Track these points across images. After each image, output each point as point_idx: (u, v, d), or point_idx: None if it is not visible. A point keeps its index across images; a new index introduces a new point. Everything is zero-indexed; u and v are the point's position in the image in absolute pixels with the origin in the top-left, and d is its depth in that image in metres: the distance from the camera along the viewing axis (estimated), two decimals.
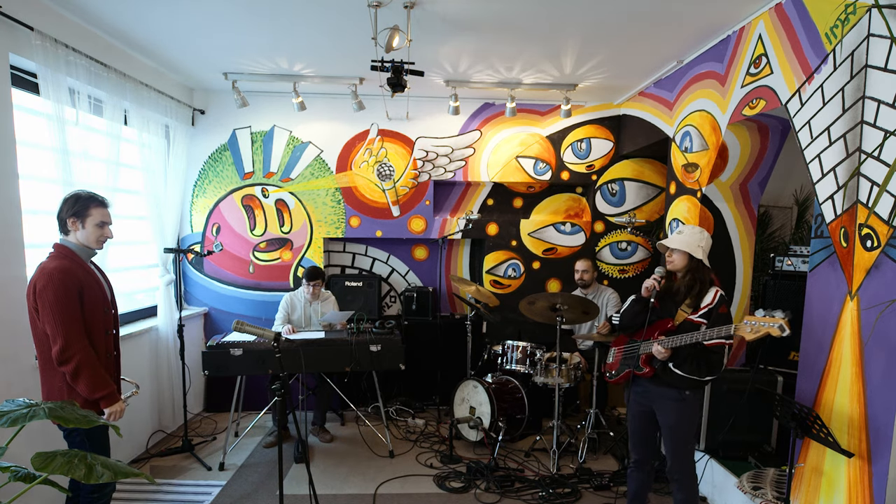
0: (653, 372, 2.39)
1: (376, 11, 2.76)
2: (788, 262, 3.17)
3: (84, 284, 2.10)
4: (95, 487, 2.10)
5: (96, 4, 2.84)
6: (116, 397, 2.15)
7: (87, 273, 2.16)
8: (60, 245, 2.16)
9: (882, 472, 2.00)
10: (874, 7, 1.99)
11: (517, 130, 4.70)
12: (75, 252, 2.16)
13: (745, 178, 3.41)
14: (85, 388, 2.05)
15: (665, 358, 2.31)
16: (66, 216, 2.15)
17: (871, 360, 2.08)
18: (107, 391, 2.10)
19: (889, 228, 1.98)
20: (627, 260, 4.87)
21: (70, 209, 2.15)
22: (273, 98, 4.46)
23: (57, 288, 2.02)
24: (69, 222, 2.15)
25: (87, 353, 2.06)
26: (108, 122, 3.26)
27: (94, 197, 2.21)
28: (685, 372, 2.29)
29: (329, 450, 3.81)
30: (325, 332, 3.78)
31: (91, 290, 2.13)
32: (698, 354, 2.28)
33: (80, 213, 2.16)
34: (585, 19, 2.94)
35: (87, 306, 2.11)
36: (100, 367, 2.10)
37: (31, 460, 1.18)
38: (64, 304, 2.02)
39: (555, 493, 3.15)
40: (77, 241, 2.17)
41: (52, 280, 2.02)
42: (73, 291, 2.06)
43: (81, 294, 2.09)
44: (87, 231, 2.17)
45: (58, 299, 2.01)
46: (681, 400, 2.34)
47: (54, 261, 2.10)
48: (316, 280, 3.93)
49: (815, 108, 2.37)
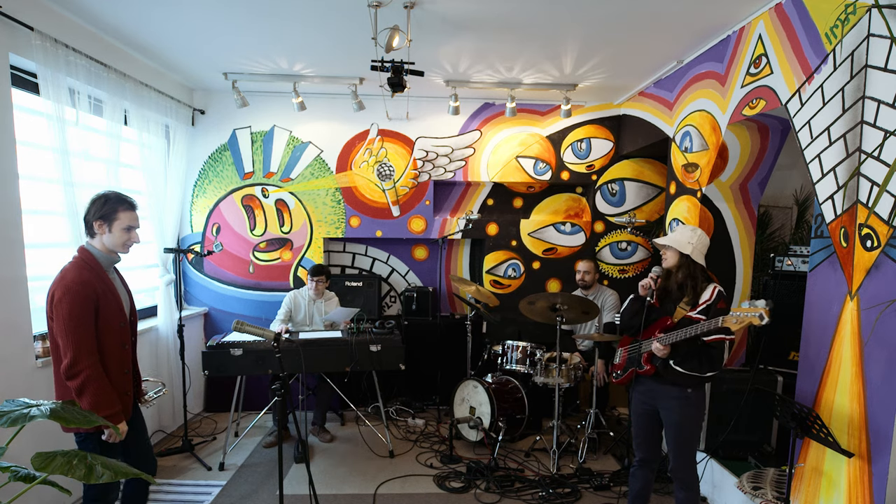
0: (654, 370, 2.40)
1: (376, 11, 2.76)
2: (788, 262, 3.17)
3: (100, 298, 2.03)
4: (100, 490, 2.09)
5: (96, 4, 2.84)
6: (120, 418, 2.05)
7: (105, 284, 2.07)
8: (84, 249, 2.09)
9: (882, 472, 2.00)
10: (874, 7, 1.99)
11: (517, 130, 4.70)
12: (97, 259, 2.09)
13: (745, 178, 3.41)
14: (88, 405, 1.97)
15: (665, 355, 2.32)
16: (92, 219, 2.07)
17: (871, 360, 2.08)
18: (111, 411, 2.01)
19: (889, 228, 1.98)
20: (627, 260, 4.87)
21: (98, 211, 2.07)
22: (273, 98, 4.46)
23: (72, 302, 1.96)
24: (95, 225, 2.07)
25: (94, 371, 1.99)
26: (108, 122, 3.26)
27: (122, 199, 2.12)
28: (686, 369, 2.30)
29: (329, 450, 3.81)
30: (328, 331, 3.79)
31: (107, 304, 2.05)
32: (698, 351, 2.28)
33: (108, 216, 2.07)
34: (585, 19, 2.94)
35: (102, 321, 2.04)
36: (107, 386, 2.02)
37: (31, 460, 1.18)
38: (78, 320, 1.96)
39: (555, 493, 3.15)
40: (101, 246, 2.10)
41: (68, 293, 1.96)
42: (89, 306, 1.99)
43: (97, 308, 2.02)
44: (114, 235, 2.09)
45: (72, 314, 1.95)
46: (684, 398, 2.35)
47: (74, 270, 2.02)
48: (320, 275, 3.97)
49: (815, 108, 2.37)
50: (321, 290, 4.02)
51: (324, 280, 4.00)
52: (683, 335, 2.25)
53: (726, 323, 2.13)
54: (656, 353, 2.33)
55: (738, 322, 2.08)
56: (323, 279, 3.99)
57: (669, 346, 2.30)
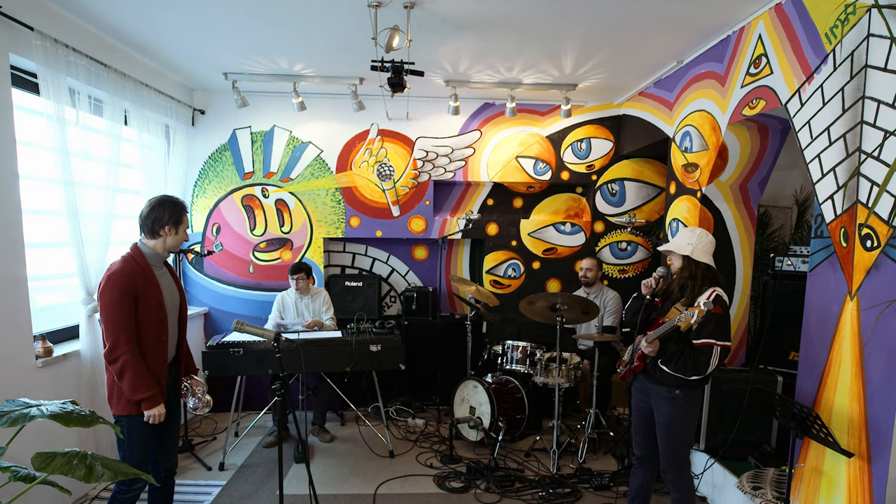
0: (642, 366, 2.44)
1: (376, 11, 2.76)
2: (788, 262, 3.17)
3: (140, 291, 2.16)
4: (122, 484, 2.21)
5: (96, 4, 2.84)
6: (158, 400, 2.17)
7: (148, 280, 2.20)
8: (136, 247, 2.24)
9: (882, 472, 2.00)
10: (874, 7, 1.99)
11: (517, 130, 4.70)
12: (146, 257, 2.23)
13: (745, 178, 3.41)
14: (127, 387, 2.11)
15: (651, 353, 2.32)
16: (165, 223, 2.22)
17: (871, 360, 2.08)
18: (148, 393, 2.14)
19: (889, 228, 1.98)
20: (627, 260, 4.87)
21: (171, 216, 2.23)
22: (273, 98, 4.46)
23: (112, 291, 2.10)
24: (166, 228, 2.23)
25: (133, 356, 2.12)
26: (108, 122, 3.26)
27: (183, 204, 2.33)
28: (671, 369, 2.30)
29: (329, 450, 3.81)
30: (316, 330, 3.84)
31: (146, 297, 2.18)
32: (684, 352, 2.28)
33: (178, 220, 2.26)
34: (585, 19, 2.94)
35: (142, 312, 2.16)
36: (145, 371, 2.15)
37: (31, 460, 1.18)
38: (118, 307, 2.10)
39: (555, 493, 3.15)
40: (155, 245, 2.25)
41: (109, 282, 2.11)
42: (129, 296, 2.12)
43: (136, 299, 2.15)
44: (179, 236, 2.28)
45: (112, 302, 2.10)
46: (671, 398, 2.35)
47: (120, 263, 2.17)
48: (298, 273, 3.96)
49: (815, 108, 2.37)
50: (303, 287, 4.02)
51: (304, 277, 3.99)
52: (663, 331, 2.26)
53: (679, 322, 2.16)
54: (644, 350, 2.35)
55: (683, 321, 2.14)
56: (303, 276, 3.98)
57: (654, 344, 2.30)
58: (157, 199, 2.26)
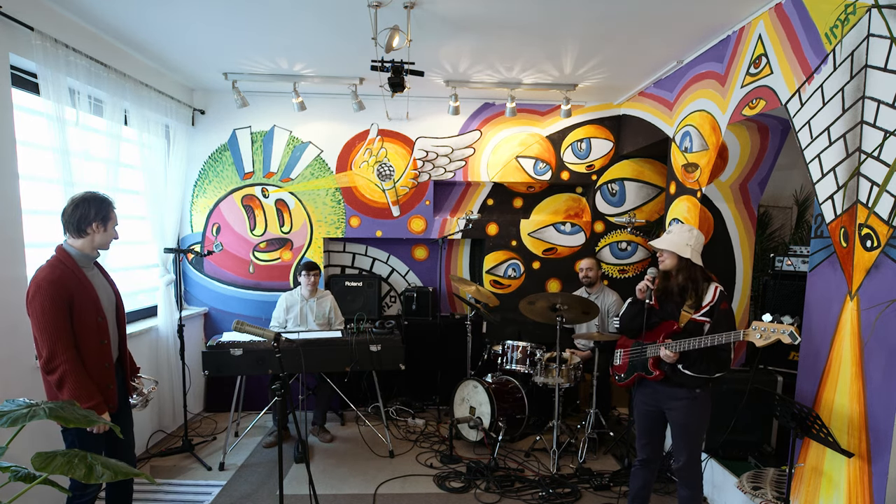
0: (663, 375, 2.40)
1: (376, 11, 2.77)
2: (788, 262, 3.17)
3: (74, 295, 2.06)
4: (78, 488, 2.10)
5: (96, 4, 2.84)
6: (102, 409, 2.07)
7: (80, 282, 2.09)
8: (62, 249, 2.12)
9: (882, 472, 2.00)
10: (874, 7, 1.99)
11: (517, 130, 4.70)
12: (74, 259, 2.12)
13: (745, 178, 3.41)
14: (68, 397, 1.99)
15: (674, 361, 2.32)
16: (92, 220, 2.11)
17: (871, 360, 2.08)
18: (91, 403, 2.03)
19: (889, 228, 1.98)
20: (627, 260, 4.87)
21: (97, 213, 2.12)
22: (273, 98, 4.46)
23: (45, 299, 1.99)
24: (94, 226, 2.12)
25: (72, 365, 2.02)
26: (108, 122, 3.26)
27: (110, 199, 2.20)
28: (695, 372, 2.31)
29: (329, 450, 3.81)
30: (322, 330, 3.80)
31: (81, 301, 2.07)
32: (706, 354, 2.28)
33: (106, 216, 2.15)
34: (585, 19, 2.94)
35: (77, 317, 2.06)
36: (86, 378, 2.05)
37: (31, 460, 1.18)
38: (51, 315, 1.99)
39: (555, 493, 3.15)
40: (82, 246, 2.13)
41: (39, 290, 2.00)
42: (61, 303, 2.02)
43: (71, 305, 2.04)
44: (108, 233, 2.17)
45: (44, 310, 1.99)
46: (692, 398, 2.35)
47: (47, 269, 2.06)
48: (314, 269, 3.99)
49: (815, 108, 2.37)
50: (316, 285, 4.03)
51: (318, 273, 4.02)
52: (696, 345, 2.25)
53: (749, 337, 2.13)
54: (666, 360, 2.33)
55: (764, 338, 2.10)
56: (317, 272, 4.02)
57: (679, 353, 2.30)
58: (81, 195, 2.14)
